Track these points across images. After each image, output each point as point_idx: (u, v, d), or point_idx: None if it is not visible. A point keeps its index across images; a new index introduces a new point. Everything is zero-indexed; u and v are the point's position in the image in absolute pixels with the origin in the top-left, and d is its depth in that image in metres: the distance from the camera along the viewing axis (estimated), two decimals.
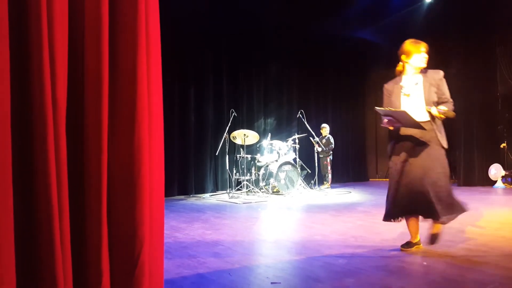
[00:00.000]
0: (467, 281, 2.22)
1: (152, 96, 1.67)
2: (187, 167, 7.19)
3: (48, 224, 1.37)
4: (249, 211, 5.14)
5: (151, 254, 1.68)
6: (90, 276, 1.54)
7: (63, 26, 1.48)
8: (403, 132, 2.91)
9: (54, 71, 1.41)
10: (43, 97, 1.37)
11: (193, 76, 7.34)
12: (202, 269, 2.56)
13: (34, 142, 1.39)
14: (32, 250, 1.38)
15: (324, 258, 2.76)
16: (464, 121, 7.98)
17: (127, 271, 1.59)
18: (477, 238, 3.25)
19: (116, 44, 1.58)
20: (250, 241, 3.41)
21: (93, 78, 1.52)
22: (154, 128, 1.68)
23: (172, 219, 4.57)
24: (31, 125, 1.39)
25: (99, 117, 1.50)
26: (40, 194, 1.37)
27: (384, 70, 10.22)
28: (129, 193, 1.58)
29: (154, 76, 1.67)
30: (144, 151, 1.59)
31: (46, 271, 1.36)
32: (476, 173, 7.87)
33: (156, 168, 1.71)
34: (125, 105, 1.57)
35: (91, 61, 1.52)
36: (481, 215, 4.44)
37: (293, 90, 8.91)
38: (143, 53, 1.59)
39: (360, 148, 10.18)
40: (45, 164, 1.36)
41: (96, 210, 1.51)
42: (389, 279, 2.28)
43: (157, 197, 1.73)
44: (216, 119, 7.61)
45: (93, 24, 1.52)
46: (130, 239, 1.58)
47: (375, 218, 4.30)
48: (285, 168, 6.74)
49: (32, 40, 1.38)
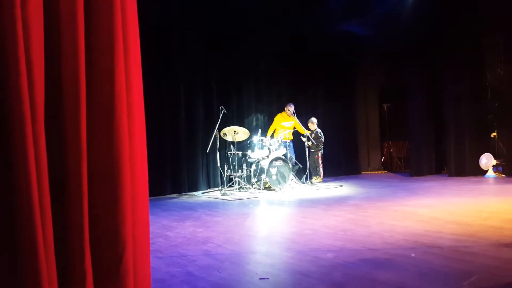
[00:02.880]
0: (454, 272, 2.24)
1: (132, 95, 1.65)
2: (179, 166, 7.16)
3: (30, 226, 1.35)
4: (240, 208, 5.14)
5: (135, 253, 1.67)
6: (74, 277, 1.53)
7: (38, 25, 1.45)
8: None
9: (31, 71, 1.39)
10: (20, 99, 1.34)
11: (182, 73, 7.29)
12: (192, 267, 2.56)
13: (13, 145, 1.36)
14: (14, 251, 1.36)
15: (313, 252, 2.76)
16: (453, 111, 8.03)
17: (111, 270, 1.57)
18: (466, 229, 3.28)
19: (93, 43, 1.56)
20: (240, 238, 3.41)
21: (70, 78, 1.49)
22: (134, 126, 1.66)
23: (163, 218, 4.55)
24: (10, 128, 1.37)
25: (78, 117, 1.48)
26: (21, 196, 1.36)
27: (374, 63, 10.27)
28: (109, 192, 1.56)
29: (133, 74, 1.65)
30: (124, 150, 1.57)
31: (30, 273, 1.34)
32: (467, 163, 7.93)
33: (138, 166, 1.69)
34: (103, 104, 1.55)
35: (67, 60, 1.50)
36: (470, 205, 4.49)
37: (282, 85, 8.89)
38: (120, 51, 1.56)
39: (352, 141, 10.21)
40: (25, 166, 1.34)
41: (78, 211, 1.50)
42: (376, 271, 2.29)
43: (141, 195, 1.72)
44: (206, 116, 7.58)
45: (68, 21, 1.50)
46: (112, 239, 1.57)
47: (366, 212, 4.32)
48: (276, 164, 6.74)
49: (7, 42, 1.35)
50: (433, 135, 8.67)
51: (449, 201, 4.85)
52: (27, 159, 1.34)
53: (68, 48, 1.50)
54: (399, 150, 10.40)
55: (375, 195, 5.72)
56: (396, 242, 2.91)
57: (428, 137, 8.62)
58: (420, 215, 3.98)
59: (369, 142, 10.69)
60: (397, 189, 6.34)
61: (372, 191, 6.33)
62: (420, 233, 3.16)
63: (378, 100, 10.73)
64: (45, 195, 1.41)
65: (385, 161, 10.50)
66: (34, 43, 1.41)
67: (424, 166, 8.51)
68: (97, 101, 1.53)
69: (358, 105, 10.55)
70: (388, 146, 10.39)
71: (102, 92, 1.54)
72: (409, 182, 7.44)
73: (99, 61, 1.56)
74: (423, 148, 8.54)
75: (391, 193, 5.88)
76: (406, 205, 4.66)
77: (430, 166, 8.62)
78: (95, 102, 1.53)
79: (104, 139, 1.53)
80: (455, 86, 8.01)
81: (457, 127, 8.01)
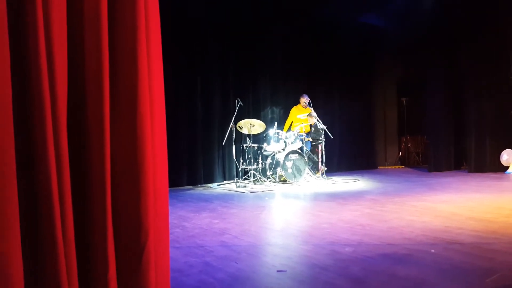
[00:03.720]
0: (476, 269, 2.20)
1: (154, 88, 1.66)
2: (195, 157, 7.20)
3: (50, 215, 1.37)
4: (256, 200, 5.15)
5: (157, 243, 1.69)
6: (97, 267, 1.55)
7: (61, 17, 1.46)
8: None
9: (53, 64, 1.40)
10: (42, 93, 1.36)
11: (199, 65, 7.31)
12: (209, 257, 2.58)
13: (35, 136, 1.38)
14: (34, 242, 1.38)
15: (331, 246, 2.75)
16: (474, 105, 7.84)
17: (134, 261, 1.59)
18: (487, 225, 3.21)
19: (116, 35, 1.56)
20: (256, 230, 3.42)
21: (93, 70, 1.50)
22: (156, 118, 1.67)
23: (180, 208, 4.60)
24: (32, 118, 1.38)
25: (101, 109, 1.49)
26: (42, 186, 1.37)
27: (392, 56, 10.09)
28: (133, 183, 1.58)
29: (154, 67, 1.66)
30: (147, 141, 1.58)
31: (50, 264, 1.36)
32: (487, 159, 7.75)
33: (159, 157, 1.71)
34: (127, 96, 1.56)
35: (91, 51, 1.51)
36: (491, 201, 4.39)
37: (299, 79, 8.82)
38: (143, 43, 1.57)
39: (368, 135, 10.08)
40: (46, 156, 1.36)
41: (101, 201, 1.51)
42: (396, 267, 2.27)
43: (161, 186, 1.73)
44: (222, 109, 7.59)
45: (92, 15, 1.51)
46: (135, 229, 1.59)
47: (383, 206, 4.27)
48: (292, 157, 6.71)
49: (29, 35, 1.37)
50: (452, 129, 8.49)
51: (469, 197, 4.76)
52: (47, 156, 1.35)
53: (91, 40, 1.51)
54: (417, 145, 10.23)
55: (392, 190, 5.65)
56: (416, 238, 2.87)
57: (447, 131, 8.44)
58: (439, 210, 3.91)
59: (387, 136, 10.54)
60: (415, 184, 6.24)
61: (389, 186, 6.25)
62: (440, 229, 3.11)
63: (396, 94, 10.55)
64: (66, 190, 1.42)
65: (402, 156, 10.36)
66: (56, 37, 1.42)
67: (442, 162, 8.36)
68: (120, 94, 1.54)
69: (376, 98, 10.39)
70: (406, 140, 10.23)
71: (125, 85, 1.55)
72: (427, 177, 7.32)
73: (121, 54, 1.57)
74: (442, 143, 8.38)
75: (409, 188, 5.80)
76: (424, 200, 4.59)
77: (449, 162, 8.46)
78: (119, 95, 1.54)
79: (127, 132, 1.54)
80: (476, 79, 7.81)
81: (477, 121, 7.82)
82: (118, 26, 1.57)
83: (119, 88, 1.55)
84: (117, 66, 1.55)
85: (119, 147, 1.54)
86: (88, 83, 1.49)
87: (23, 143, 1.38)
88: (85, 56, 1.51)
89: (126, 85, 1.54)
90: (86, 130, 1.52)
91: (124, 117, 1.57)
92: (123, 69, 1.55)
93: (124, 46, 1.57)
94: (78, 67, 1.51)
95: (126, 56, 1.55)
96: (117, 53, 1.55)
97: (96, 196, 1.52)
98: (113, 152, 1.52)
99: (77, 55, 1.52)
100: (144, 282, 1.58)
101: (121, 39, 1.57)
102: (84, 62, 1.51)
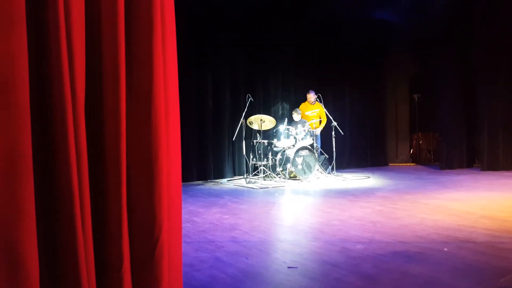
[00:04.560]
0: (489, 268, 2.17)
1: (169, 82, 1.67)
2: (206, 153, 7.24)
3: (69, 209, 1.39)
4: (266, 196, 5.15)
5: (170, 237, 1.70)
6: (111, 260, 1.57)
7: (79, 11, 1.48)
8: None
9: (72, 59, 1.42)
10: (61, 84, 1.38)
11: (210, 62, 7.31)
12: (220, 253, 2.59)
13: (54, 130, 1.40)
14: (53, 236, 1.41)
15: (342, 243, 2.74)
16: (487, 101, 7.71)
17: (147, 254, 1.61)
18: (501, 224, 3.17)
19: (132, 31, 1.58)
20: (267, 226, 3.42)
21: (110, 64, 1.52)
22: (171, 115, 1.68)
23: (190, 204, 4.62)
24: (50, 112, 1.40)
25: (117, 103, 1.51)
26: (60, 179, 1.40)
27: (404, 51, 9.96)
28: (148, 177, 1.59)
29: (169, 62, 1.67)
30: (161, 136, 1.59)
31: (68, 256, 1.39)
32: (500, 157, 7.63)
33: (173, 152, 1.72)
34: (142, 94, 1.58)
35: (108, 47, 1.52)
36: (504, 200, 4.33)
37: (309, 74, 8.78)
38: (158, 39, 1.58)
39: (380, 132, 10.01)
40: (65, 150, 1.38)
41: (116, 195, 1.53)
42: (408, 265, 2.25)
43: (175, 181, 1.74)
44: (233, 104, 7.60)
45: (109, 14, 1.52)
46: (150, 223, 1.60)
47: (394, 204, 4.24)
48: (302, 153, 6.70)
49: (49, 26, 1.38)
50: (465, 127, 8.37)
51: (481, 195, 4.70)
52: (67, 148, 1.38)
53: (108, 40, 1.52)
54: (429, 142, 10.12)
55: (403, 187, 5.61)
56: (428, 236, 2.85)
57: (459, 129, 8.33)
58: (451, 208, 3.87)
59: (398, 133, 10.45)
60: (427, 182, 6.18)
61: (400, 183, 6.20)
62: (453, 227, 3.08)
63: (408, 90, 10.44)
64: (84, 182, 1.44)
65: (414, 153, 10.26)
66: (75, 38, 1.43)
67: (454, 159, 8.25)
68: (137, 92, 1.55)
69: (387, 95, 10.30)
70: (418, 137, 10.13)
71: (141, 83, 1.57)
72: (439, 175, 7.24)
73: (138, 52, 1.58)
74: (454, 140, 8.27)
75: (421, 186, 5.74)
76: (436, 198, 4.54)
77: (461, 159, 8.35)
78: (135, 93, 1.55)
79: (143, 128, 1.56)
80: (489, 75, 7.67)
81: (491, 119, 7.70)
82: (135, 25, 1.59)
83: (135, 86, 1.57)
84: (133, 65, 1.56)
85: (135, 143, 1.56)
86: (105, 81, 1.51)
87: (43, 140, 1.40)
88: (102, 56, 1.53)
89: (142, 83, 1.56)
90: (103, 127, 1.54)
91: (140, 114, 1.58)
92: (139, 67, 1.56)
93: (140, 44, 1.59)
94: (96, 66, 1.53)
95: (142, 55, 1.56)
96: (133, 52, 1.56)
97: (112, 191, 1.54)
98: (129, 147, 1.54)
99: (94, 54, 1.54)
100: (158, 275, 1.60)
101: (137, 38, 1.59)
102: (101, 61, 1.53)
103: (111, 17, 1.50)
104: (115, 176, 1.49)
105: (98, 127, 1.52)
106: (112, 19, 1.51)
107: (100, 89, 1.51)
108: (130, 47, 1.57)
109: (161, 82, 1.56)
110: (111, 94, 1.49)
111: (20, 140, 1.26)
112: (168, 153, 1.65)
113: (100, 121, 1.52)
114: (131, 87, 1.54)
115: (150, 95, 1.54)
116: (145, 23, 1.57)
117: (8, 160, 1.24)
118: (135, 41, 1.57)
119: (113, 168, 1.50)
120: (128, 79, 1.53)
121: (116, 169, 1.49)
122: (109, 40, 1.51)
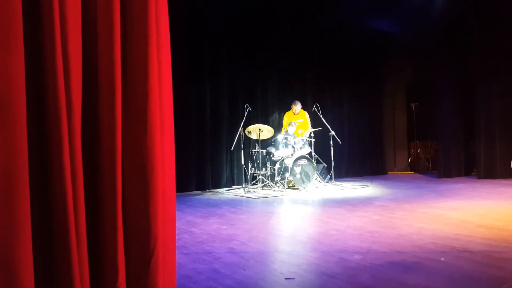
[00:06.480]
0: (486, 278, 2.17)
1: (163, 94, 1.69)
2: (204, 162, 7.23)
3: (64, 223, 1.40)
4: (264, 206, 5.15)
5: (164, 249, 1.70)
6: (106, 273, 1.57)
7: (76, 26, 1.50)
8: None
9: (68, 70, 1.44)
10: (57, 96, 1.39)
11: (207, 71, 7.35)
12: (217, 264, 2.59)
13: (49, 142, 1.42)
14: (48, 248, 1.41)
15: (339, 253, 2.74)
16: (484, 110, 7.75)
17: (142, 266, 1.61)
18: (497, 233, 3.17)
19: (128, 45, 1.60)
20: (265, 236, 3.42)
21: (106, 78, 1.54)
22: (165, 124, 1.70)
23: (188, 214, 4.61)
24: (46, 125, 1.42)
25: (113, 116, 1.52)
26: (55, 192, 1.41)
27: (402, 60, 10.04)
28: (143, 189, 1.60)
29: (164, 74, 1.69)
30: (156, 148, 1.61)
31: (63, 271, 1.39)
32: (497, 165, 7.64)
33: (168, 164, 1.73)
34: (138, 104, 1.59)
35: (104, 60, 1.54)
36: (501, 209, 4.33)
37: (307, 83, 8.83)
38: (154, 52, 1.60)
39: (378, 141, 10.03)
40: (60, 163, 1.39)
41: (112, 208, 1.54)
42: (405, 275, 2.25)
43: (169, 192, 1.75)
44: (231, 114, 7.62)
45: (105, 22, 1.54)
46: (145, 235, 1.61)
47: (392, 213, 4.24)
48: (301, 163, 6.71)
49: (45, 40, 1.40)
50: (462, 135, 8.40)
51: (479, 204, 4.70)
52: (62, 160, 1.39)
53: (104, 47, 1.54)
54: (427, 151, 10.14)
55: (402, 196, 5.61)
56: (425, 246, 2.85)
57: (457, 137, 8.35)
58: (449, 218, 3.87)
59: (396, 141, 10.47)
60: (425, 191, 6.19)
61: (398, 192, 6.21)
62: (450, 237, 3.08)
63: (405, 99, 10.48)
64: (79, 194, 1.45)
65: (412, 161, 10.27)
66: (71, 44, 1.46)
67: (452, 168, 8.26)
68: (132, 101, 1.57)
69: (385, 103, 10.34)
70: (416, 146, 10.15)
71: (137, 90, 1.58)
72: (437, 183, 7.25)
73: (133, 61, 1.60)
74: (452, 149, 8.28)
75: (419, 195, 5.75)
76: (434, 207, 4.54)
77: (459, 168, 8.36)
78: (130, 102, 1.57)
79: (137, 138, 1.57)
80: (486, 84, 7.71)
81: (487, 127, 7.73)
82: (130, 33, 1.61)
83: (130, 100, 1.59)
84: (128, 79, 1.58)
85: (131, 157, 1.57)
86: (101, 96, 1.53)
87: (39, 145, 1.41)
88: (98, 70, 1.54)
89: (138, 98, 1.58)
90: (98, 136, 1.56)
91: (135, 124, 1.60)
92: (135, 81, 1.58)
93: (136, 53, 1.61)
94: (92, 80, 1.55)
95: (137, 69, 1.58)
96: (129, 66, 1.58)
97: (107, 202, 1.55)
98: (124, 161, 1.55)
99: (91, 62, 1.56)
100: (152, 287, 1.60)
101: (133, 47, 1.61)
102: (97, 75, 1.54)
103: (107, 32, 1.52)
104: (110, 189, 1.50)
105: (94, 141, 1.53)
106: (108, 29, 1.53)
107: (95, 103, 1.53)
108: (126, 60, 1.59)
109: (156, 96, 1.58)
110: (107, 108, 1.50)
111: (16, 154, 1.27)
112: (163, 164, 1.66)
113: (96, 135, 1.53)
114: (126, 101, 1.56)
115: (145, 108, 1.56)
116: (141, 34, 1.60)
117: (5, 174, 1.25)
118: (131, 55, 1.59)
119: (109, 181, 1.51)
120: (124, 93, 1.55)
121: (112, 182, 1.50)
122: (105, 54, 1.53)
